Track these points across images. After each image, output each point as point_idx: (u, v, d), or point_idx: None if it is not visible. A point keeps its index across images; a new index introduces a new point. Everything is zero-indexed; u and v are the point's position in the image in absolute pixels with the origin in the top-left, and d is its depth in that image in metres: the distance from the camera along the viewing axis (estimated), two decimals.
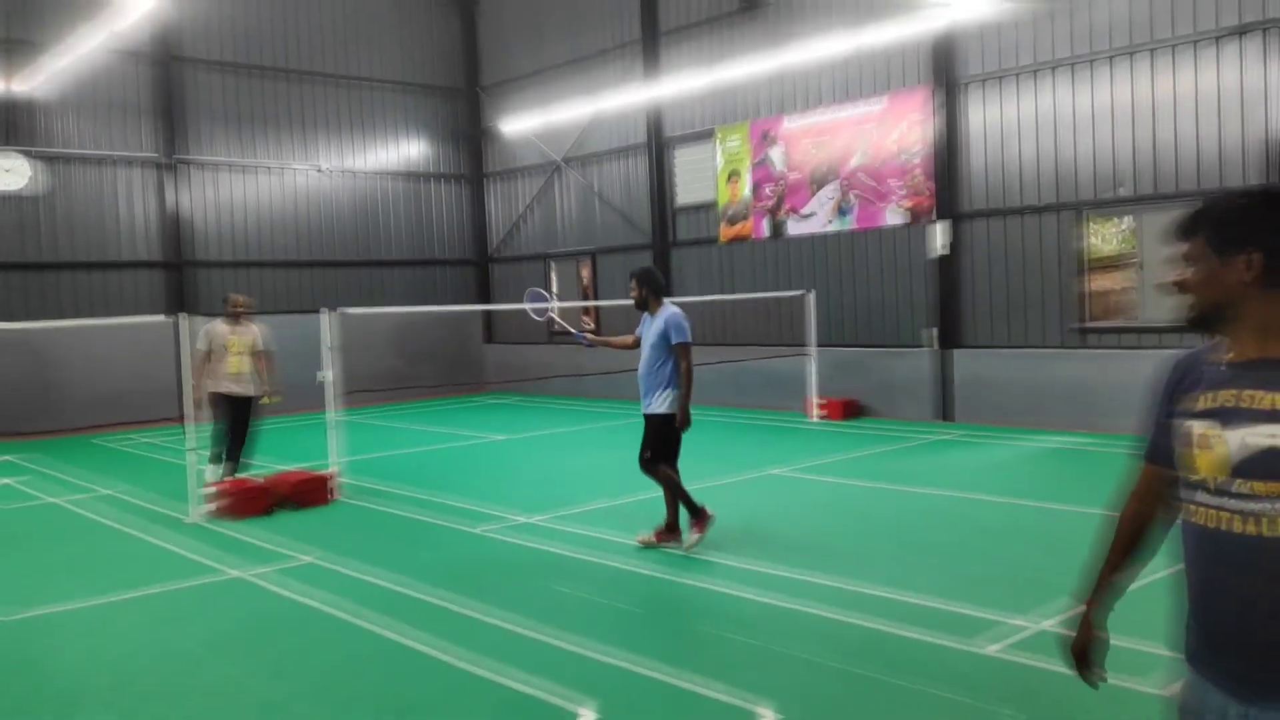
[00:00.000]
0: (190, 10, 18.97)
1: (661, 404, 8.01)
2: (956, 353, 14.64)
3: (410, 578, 7.52)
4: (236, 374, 10.92)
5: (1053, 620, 6.07)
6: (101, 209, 18.09)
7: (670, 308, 8.13)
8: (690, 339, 8.01)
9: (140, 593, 7.48)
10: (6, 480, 12.72)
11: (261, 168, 19.91)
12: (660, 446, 8.07)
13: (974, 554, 7.72)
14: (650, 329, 8.10)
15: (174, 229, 18.71)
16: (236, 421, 11.04)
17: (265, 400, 11.16)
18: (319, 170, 20.65)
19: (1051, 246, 13.82)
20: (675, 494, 8.06)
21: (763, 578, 7.19)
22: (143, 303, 18.34)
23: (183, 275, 18.82)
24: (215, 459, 11.06)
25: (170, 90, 18.66)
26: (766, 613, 6.46)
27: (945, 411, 14.71)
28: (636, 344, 8.38)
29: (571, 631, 6.18)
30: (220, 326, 11.02)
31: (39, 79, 16.36)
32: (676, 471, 8.16)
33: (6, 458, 14.57)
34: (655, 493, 10.14)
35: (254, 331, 11.20)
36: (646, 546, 8.14)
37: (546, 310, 9.80)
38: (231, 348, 10.94)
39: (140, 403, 17.13)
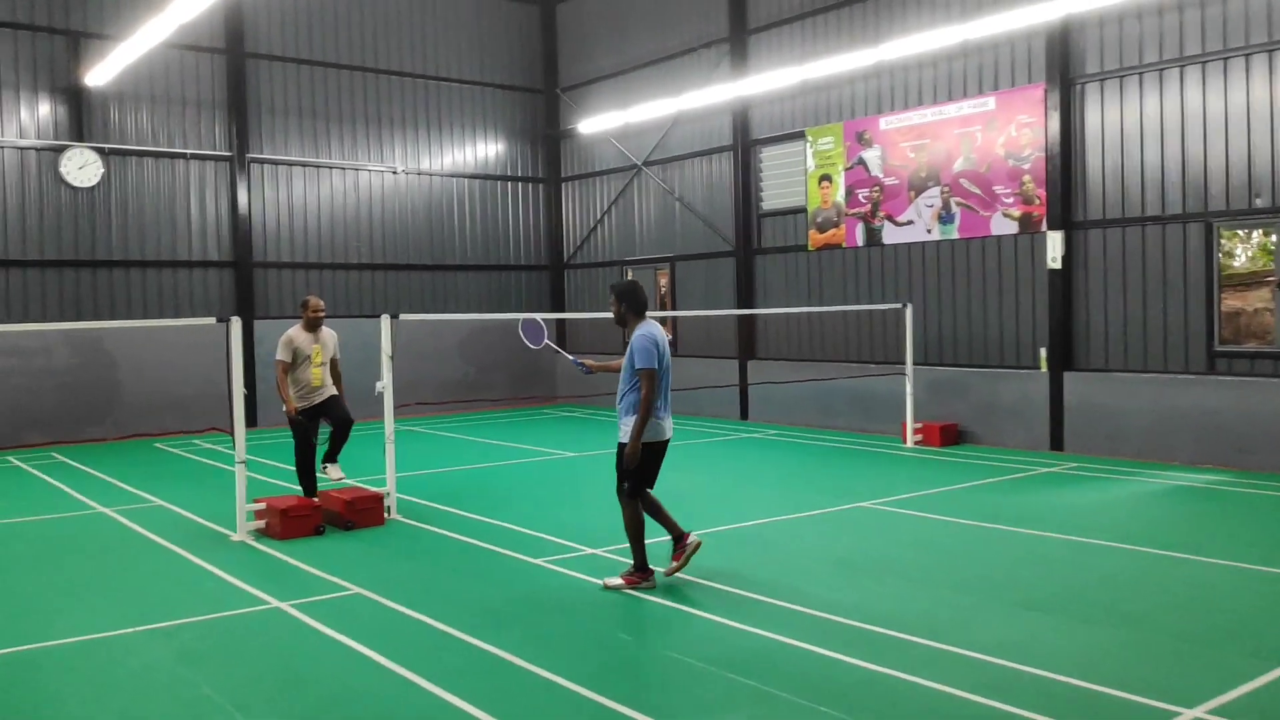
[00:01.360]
0: (264, 4, 18.58)
1: (626, 433, 7.34)
2: (1069, 376, 13.40)
3: (463, 617, 6.69)
4: (319, 386, 9.96)
5: (1212, 706, 5.00)
6: (172, 207, 17.74)
7: (645, 327, 7.38)
8: (654, 365, 7.18)
9: (169, 623, 6.77)
10: (63, 486, 12.27)
11: (334, 167, 19.44)
12: (636, 477, 7.37)
13: (1105, 614, 6.62)
14: (627, 353, 7.41)
15: (245, 229, 18.30)
16: (336, 423, 9.99)
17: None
18: (394, 172, 20.12)
19: (1177, 261, 12.54)
20: (637, 536, 7.38)
21: (858, 636, 6.20)
22: (211, 303, 17.95)
23: (252, 276, 18.39)
24: (310, 491, 10.03)
25: (242, 86, 18.26)
26: (863, 681, 5.48)
27: (1056, 440, 13.47)
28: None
29: (637, 698, 5.28)
30: (301, 334, 9.96)
31: (111, 73, 16.02)
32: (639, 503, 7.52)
33: (69, 461, 14.20)
34: (736, 524, 9.27)
35: (333, 337, 10.27)
36: (677, 570, 7.51)
37: (543, 338, 8.90)
38: (315, 357, 9.96)
39: (207, 407, 16.67)
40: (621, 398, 7.44)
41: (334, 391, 10.10)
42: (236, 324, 9.36)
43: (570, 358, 8.25)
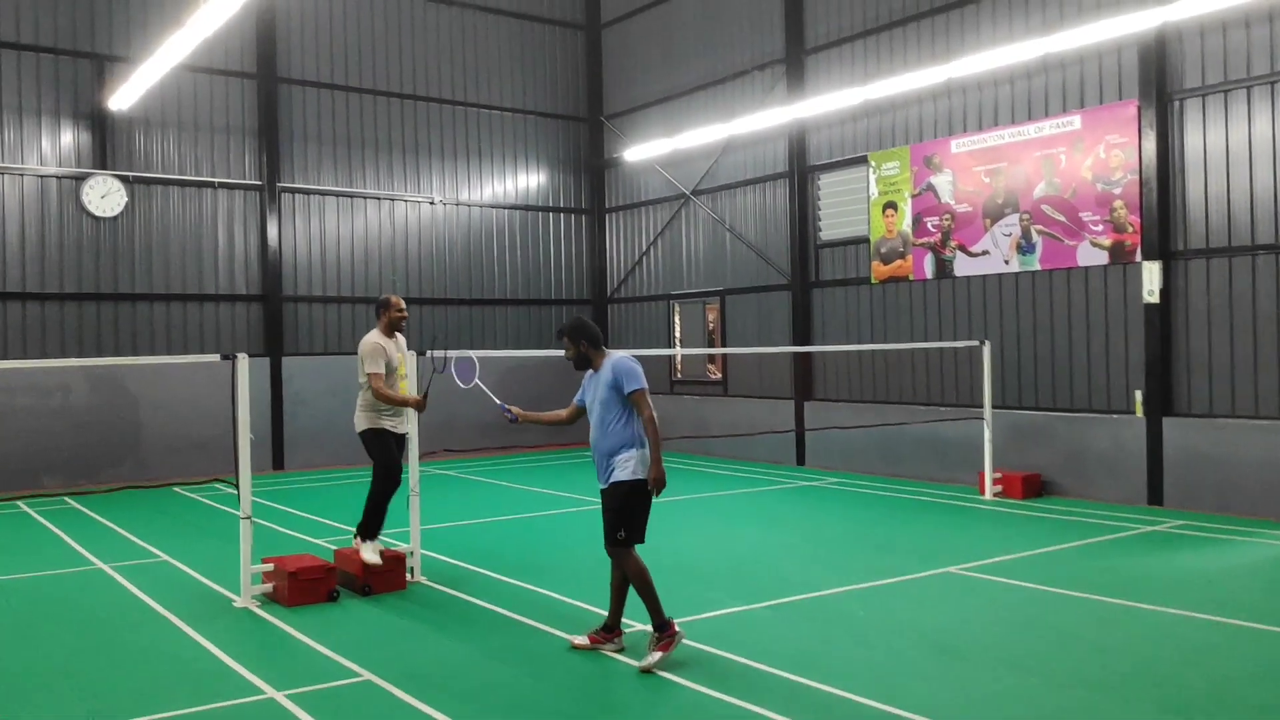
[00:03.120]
0: (297, 29, 17.85)
1: (626, 469, 6.49)
2: (1169, 422, 12.05)
3: (491, 718, 5.57)
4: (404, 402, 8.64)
5: None
6: (198, 238, 16.92)
7: (616, 355, 6.79)
8: (647, 385, 6.66)
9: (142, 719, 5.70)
10: (67, 537, 11.30)
11: (369, 197, 18.58)
12: (632, 522, 6.54)
13: None
14: (596, 386, 6.75)
15: (274, 261, 17.44)
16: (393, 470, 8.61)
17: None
18: (432, 202, 19.23)
19: None
20: (648, 591, 6.56)
21: None
22: (238, 339, 17.08)
23: (281, 310, 17.51)
24: (372, 533, 8.52)
25: (274, 113, 17.48)
26: None
27: (1154, 494, 12.10)
28: (574, 416, 7.11)
29: None
30: (383, 339, 8.57)
31: (135, 98, 15.25)
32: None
33: (80, 508, 13.23)
34: (807, 594, 8.00)
35: (403, 345, 8.88)
36: (588, 648, 6.79)
37: (473, 377, 7.83)
38: (402, 368, 8.63)
39: (232, 450, 15.75)
40: (607, 435, 6.58)
41: (408, 426, 8.79)
42: (243, 361, 8.33)
43: (498, 402, 7.41)
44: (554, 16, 20.80)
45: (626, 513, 6.55)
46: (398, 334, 8.79)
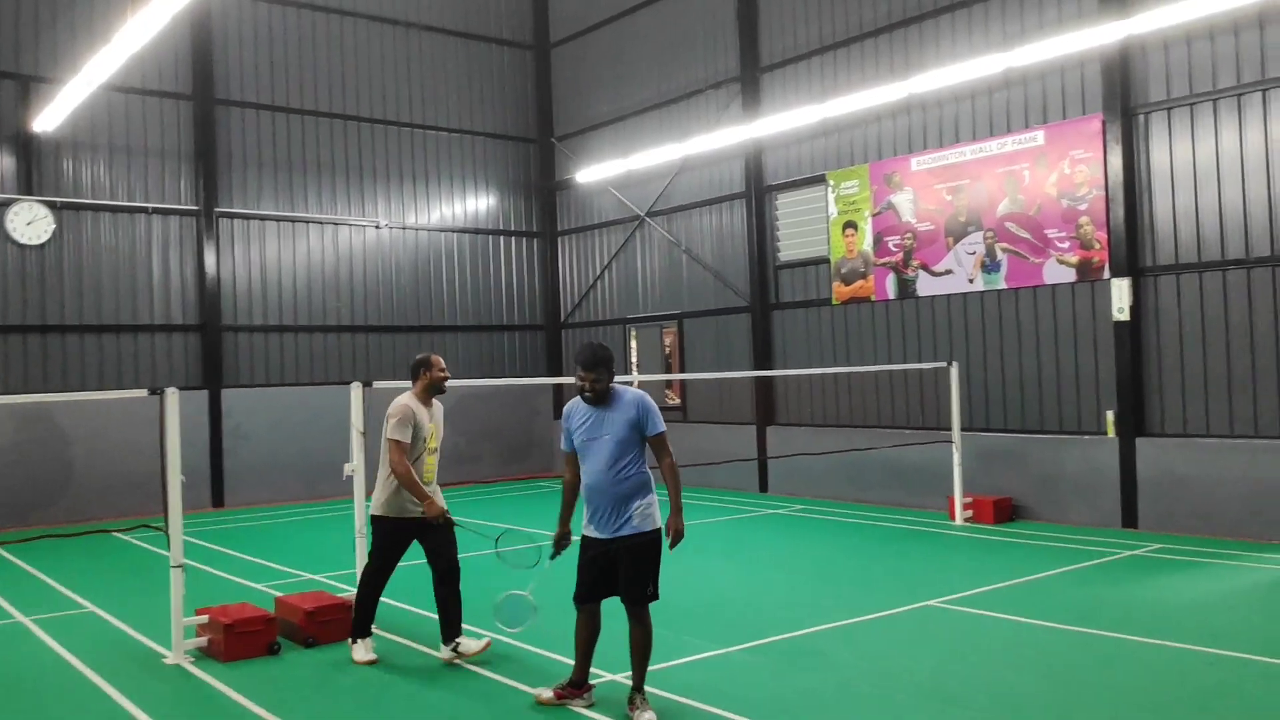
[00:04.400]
0: (235, 48, 17.20)
1: (650, 517, 6.07)
2: (1142, 442, 11.78)
3: None
4: (430, 482, 7.47)
5: None
6: (132, 266, 16.14)
7: (630, 389, 6.12)
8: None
9: None
10: None
11: (312, 222, 17.92)
12: (657, 576, 6.03)
13: None
14: (608, 421, 6.00)
15: (213, 289, 16.69)
16: (442, 569, 7.49)
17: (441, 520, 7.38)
18: (377, 226, 18.61)
19: (1267, 309, 11.01)
20: (649, 651, 6.02)
21: None
22: (175, 371, 16.31)
23: (220, 340, 16.75)
24: (364, 630, 7.46)
25: (211, 135, 16.79)
26: None
27: (1129, 517, 11.80)
28: (576, 473, 6.24)
29: None
30: (419, 406, 7.38)
31: (62, 120, 14.52)
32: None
33: (6, 555, 12.32)
34: (782, 634, 7.43)
35: (441, 411, 7.72)
36: (555, 703, 6.18)
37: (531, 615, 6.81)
38: (431, 440, 7.42)
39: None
40: (622, 479, 5.97)
41: (443, 503, 7.54)
42: (173, 396, 7.70)
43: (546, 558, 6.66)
44: (502, 36, 20.35)
45: (655, 569, 6.03)
46: (435, 401, 7.61)
